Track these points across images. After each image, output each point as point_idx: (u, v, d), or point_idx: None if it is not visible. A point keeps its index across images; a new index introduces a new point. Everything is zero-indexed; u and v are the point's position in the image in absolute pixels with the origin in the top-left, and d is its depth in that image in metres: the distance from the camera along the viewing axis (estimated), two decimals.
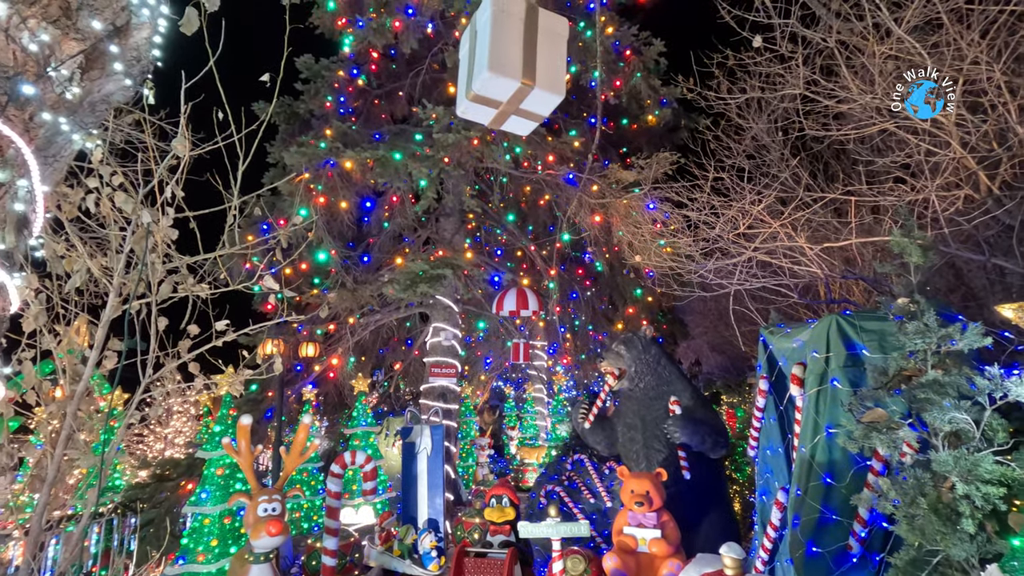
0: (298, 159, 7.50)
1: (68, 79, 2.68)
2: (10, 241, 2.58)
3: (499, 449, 14.61)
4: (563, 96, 2.00)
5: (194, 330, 3.71)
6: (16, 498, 6.46)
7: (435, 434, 8.08)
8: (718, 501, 5.55)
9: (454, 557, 5.47)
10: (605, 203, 7.69)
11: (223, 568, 5.58)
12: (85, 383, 3.08)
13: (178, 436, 12.65)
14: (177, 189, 3.22)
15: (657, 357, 6.06)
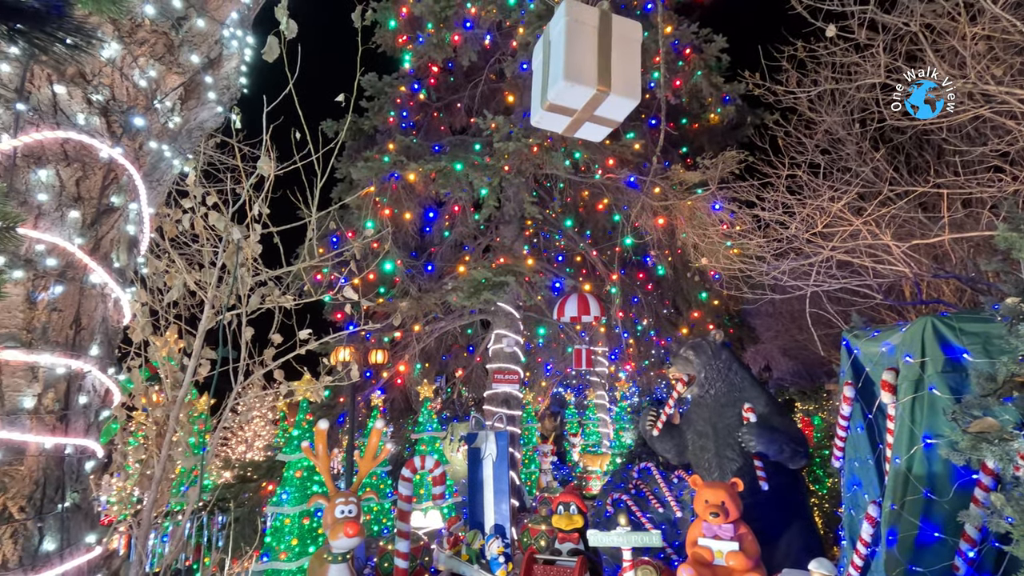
0: (365, 173, 7.80)
1: (170, 110, 2.92)
2: (123, 259, 2.83)
3: (561, 456, 14.52)
4: (639, 100, 1.99)
5: (277, 339, 3.93)
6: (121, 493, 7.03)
7: (500, 440, 8.14)
8: (799, 514, 5.28)
9: (523, 563, 5.47)
10: (668, 205, 7.53)
11: (303, 566, 5.84)
12: (186, 389, 3.32)
13: (257, 439, 13.38)
14: (263, 207, 3.43)
15: (728, 363, 5.85)
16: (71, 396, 2.49)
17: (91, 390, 2.63)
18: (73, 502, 2.48)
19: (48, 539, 2.31)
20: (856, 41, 4.89)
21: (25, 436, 2.29)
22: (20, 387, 2.33)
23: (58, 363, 2.43)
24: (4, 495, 2.21)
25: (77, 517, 2.50)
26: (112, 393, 2.82)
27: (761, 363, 14.88)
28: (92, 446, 2.62)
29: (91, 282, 2.60)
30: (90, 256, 2.57)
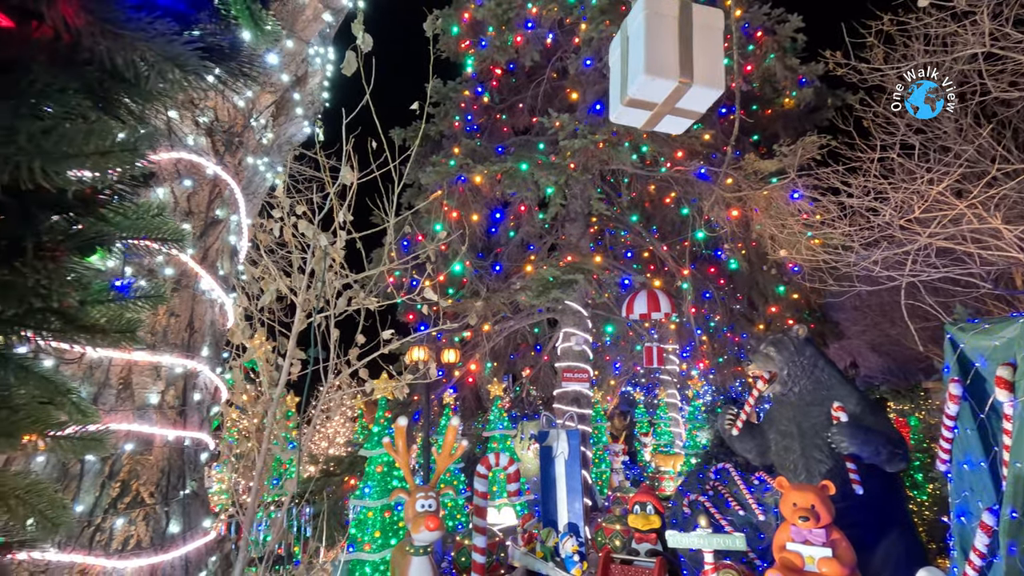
0: (433, 178, 8.02)
1: (264, 126, 3.13)
2: (227, 267, 3.06)
3: (632, 455, 14.28)
4: (722, 90, 1.94)
5: (361, 339, 4.12)
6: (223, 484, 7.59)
7: (572, 438, 8.12)
8: (898, 520, 4.93)
9: (600, 562, 5.44)
10: (742, 196, 7.22)
11: (385, 558, 6.08)
12: (282, 387, 3.55)
13: (337, 436, 14.06)
14: (347, 215, 3.61)
15: (813, 359, 5.54)
16: (188, 393, 2.73)
17: (203, 388, 2.86)
18: (192, 489, 2.72)
19: (173, 522, 2.55)
20: (954, 9, 4.51)
21: (152, 429, 2.54)
22: (147, 385, 2.58)
23: (176, 363, 2.66)
24: (137, 482, 2.46)
25: (196, 503, 2.74)
26: (220, 390, 3.06)
27: (846, 360, 13.97)
28: (206, 439, 2.86)
29: (201, 288, 2.83)
30: (200, 265, 2.81)
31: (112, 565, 2.32)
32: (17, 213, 0.70)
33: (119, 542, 2.36)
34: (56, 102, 0.62)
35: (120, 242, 0.82)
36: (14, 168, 0.59)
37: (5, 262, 0.69)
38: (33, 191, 0.66)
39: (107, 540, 2.34)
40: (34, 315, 0.79)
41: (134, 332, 0.89)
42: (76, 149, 0.61)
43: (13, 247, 0.70)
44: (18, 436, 0.71)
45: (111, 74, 0.61)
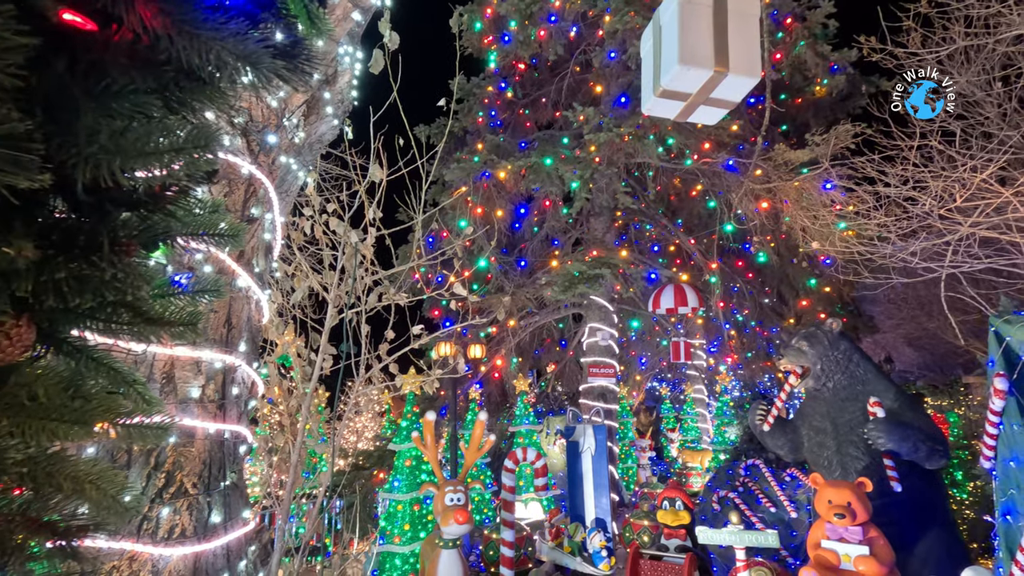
0: (457, 174, 8.04)
1: (296, 126, 3.18)
2: (262, 265, 3.13)
3: (658, 451, 14.17)
4: (759, 78, 1.90)
5: (390, 335, 4.17)
6: (257, 476, 7.77)
7: (598, 434, 8.10)
8: (938, 518, 4.78)
9: (629, 558, 5.41)
10: (772, 187, 7.06)
11: (415, 551, 6.16)
12: (315, 382, 3.62)
13: (366, 430, 14.29)
14: (377, 211, 3.65)
15: (848, 353, 5.41)
16: (227, 387, 2.81)
17: (241, 382, 2.94)
18: (232, 481, 2.80)
19: (215, 512, 2.63)
20: None
21: (194, 422, 2.62)
22: (188, 379, 2.65)
23: (216, 358, 2.74)
24: (181, 472, 2.54)
25: (235, 494, 2.82)
26: (257, 385, 3.13)
27: (881, 355, 13.62)
28: (244, 432, 2.94)
29: (238, 286, 2.90)
30: (237, 263, 2.87)
31: (159, 552, 2.40)
32: (94, 210, 0.74)
33: (165, 530, 2.45)
34: (129, 102, 0.64)
35: (181, 238, 0.85)
36: (95, 167, 0.62)
37: (83, 257, 0.72)
38: (108, 188, 0.69)
39: (154, 528, 2.43)
40: (106, 308, 0.82)
41: (195, 324, 0.92)
42: (153, 147, 0.63)
43: (90, 242, 0.73)
44: (91, 424, 0.75)
45: (186, 74, 0.64)
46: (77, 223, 0.73)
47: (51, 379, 0.74)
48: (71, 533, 0.76)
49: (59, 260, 0.70)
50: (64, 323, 0.81)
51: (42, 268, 0.68)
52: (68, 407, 0.72)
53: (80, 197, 0.67)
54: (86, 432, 0.74)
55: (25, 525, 0.73)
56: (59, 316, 0.79)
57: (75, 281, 0.72)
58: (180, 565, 2.45)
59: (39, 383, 0.72)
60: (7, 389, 0.70)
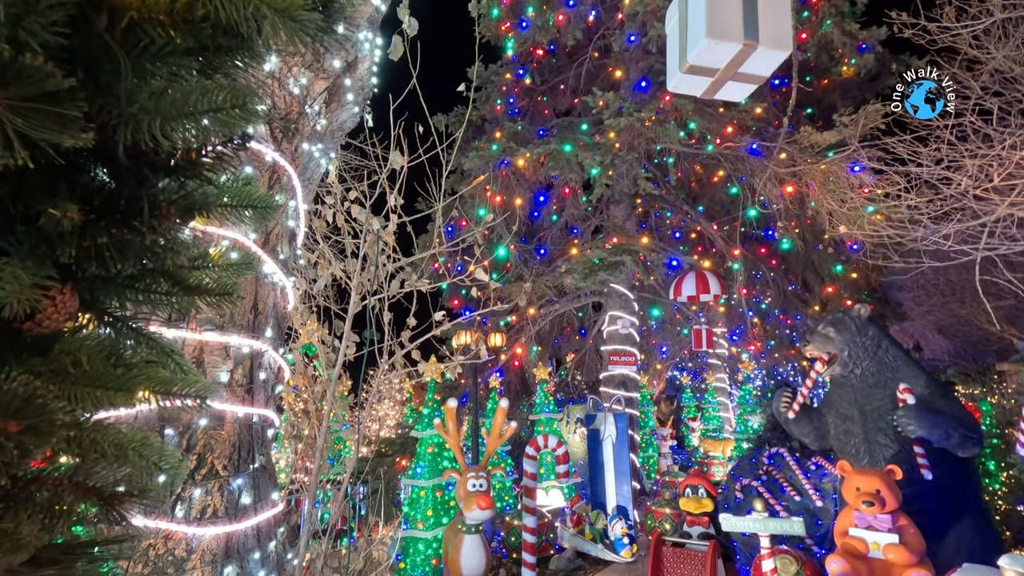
0: (476, 162, 8.02)
1: (317, 113, 3.19)
2: (286, 252, 3.16)
3: (679, 440, 14.10)
4: (790, 51, 1.84)
5: (412, 322, 4.19)
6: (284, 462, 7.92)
7: (619, 422, 8.08)
8: (970, 507, 4.68)
9: (651, 545, 5.40)
10: (797, 171, 6.90)
11: (438, 536, 6.24)
12: (339, 369, 3.66)
13: (387, 419, 14.48)
14: (398, 198, 3.65)
15: (876, 339, 5.29)
16: (254, 372, 2.85)
17: (268, 367, 2.98)
18: (261, 463, 2.85)
19: (245, 494, 2.68)
20: None
21: (223, 406, 2.67)
22: (217, 364, 2.70)
23: (243, 343, 2.78)
24: (212, 455, 2.59)
25: (264, 476, 2.87)
26: (283, 370, 3.18)
27: (909, 343, 13.32)
28: (272, 416, 2.99)
29: (264, 272, 2.94)
30: (262, 249, 2.91)
31: (192, 532, 2.46)
32: (133, 176, 0.75)
33: (197, 511, 2.51)
34: (167, 63, 0.65)
35: (217, 209, 0.86)
36: (135, 128, 0.62)
37: (124, 222, 0.74)
38: (147, 154, 0.70)
39: (187, 509, 2.49)
40: (145, 277, 0.84)
41: (231, 295, 0.93)
42: (192, 107, 0.64)
43: (130, 207, 0.74)
44: (134, 391, 0.77)
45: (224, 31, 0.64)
46: (118, 189, 0.74)
47: (93, 348, 0.76)
48: (116, 498, 0.78)
49: (101, 225, 0.71)
50: (105, 293, 0.82)
51: (85, 233, 0.70)
52: (111, 375, 0.74)
53: (121, 161, 0.68)
54: (128, 399, 0.75)
55: (72, 489, 0.75)
56: (100, 286, 0.80)
57: (116, 247, 0.73)
58: (213, 544, 2.51)
59: (82, 351, 0.74)
60: (52, 356, 0.72)
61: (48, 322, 0.71)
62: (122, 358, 0.79)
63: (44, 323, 0.70)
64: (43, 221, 0.65)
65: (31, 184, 0.66)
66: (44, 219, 0.64)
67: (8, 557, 0.65)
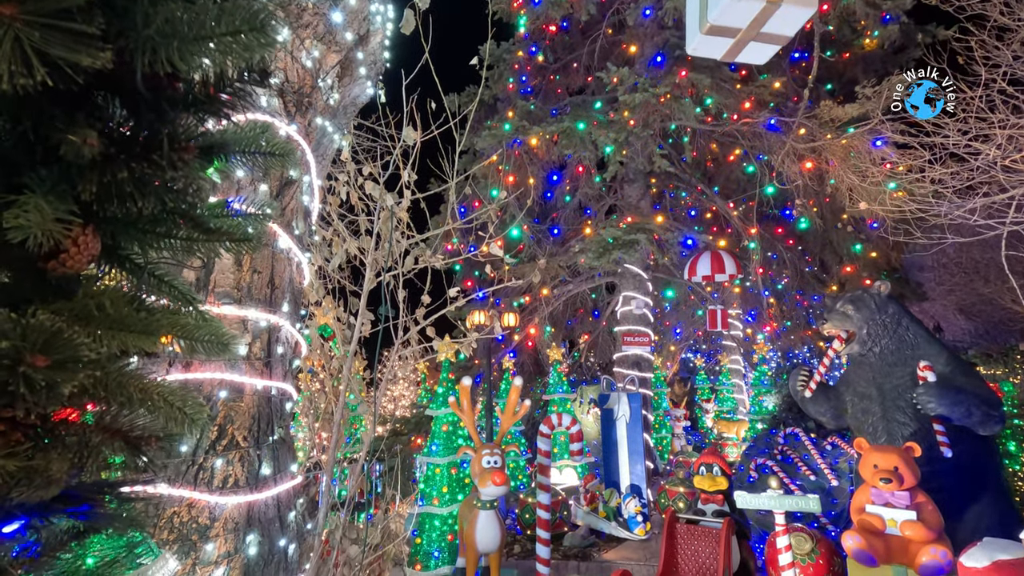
0: (488, 142, 7.95)
1: (330, 87, 3.17)
2: (301, 227, 3.17)
3: (693, 422, 14.09)
4: (815, 8, 1.77)
5: (426, 300, 4.20)
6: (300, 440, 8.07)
7: (633, 401, 8.09)
8: (990, 485, 4.63)
9: (665, 522, 5.42)
10: (817, 147, 6.73)
11: (453, 512, 6.33)
12: (355, 344, 3.69)
13: (402, 399, 14.66)
14: (412, 174, 3.64)
15: (896, 317, 5.21)
16: (272, 346, 2.88)
17: (285, 341, 3.01)
18: (280, 436, 2.89)
19: (265, 465, 2.73)
20: None
21: (242, 378, 2.70)
22: (236, 337, 2.73)
23: (261, 317, 2.81)
24: (232, 426, 2.63)
25: (283, 449, 2.92)
26: (300, 345, 3.21)
27: (929, 324, 13.09)
28: (290, 389, 3.02)
29: (280, 247, 2.95)
30: (277, 223, 2.91)
31: (215, 500, 2.51)
32: (152, 109, 0.74)
33: (219, 480, 2.55)
34: None
35: (235, 154, 0.85)
36: (152, 52, 0.62)
37: (144, 156, 0.73)
38: (164, 86, 0.69)
39: (209, 478, 2.54)
40: (165, 221, 0.84)
41: (251, 241, 0.93)
42: (209, 30, 0.63)
43: (150, 142, 0.74)
44: (157, 334, 0.77)
45: None
46: (137, 124, 0.74)
47: (116, 293, 0.76)
48: (142, 441, 0.79)
49: (121, 159, 0.71)
50: (127, 238, 0.82)
51: (105, 168, 0.69)
52: (134, 318, 0.75)
53: (139, 90, 0.68)
54: (151, 342, 0.76)
55: (100, 431, 0.76)
56: (122, 230, 0.80)
57: (137, 183, 0.73)
58: (235, 513, 2.56)
59: (105, 296, 0.74)
60: (76, 301, 0.73)
61: (71, 262, 0.71)
62: (145, 304, 0.79)
63: (68, 263, 0.71)
64: (64, 150, 0.64)
65: (51, 114, 0.65)
66: (65, 148, 0.64)
67: (40, 492, 0.66)
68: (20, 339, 0.60)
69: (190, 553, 2.42)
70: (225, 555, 2.49)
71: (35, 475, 0.65)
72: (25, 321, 0.62)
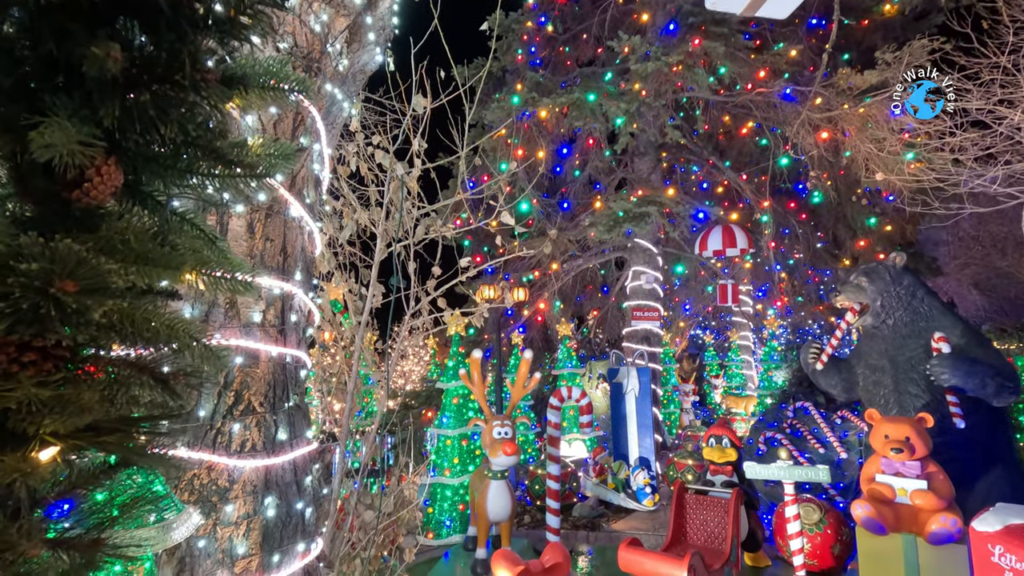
0: (498, 114, 7.85)
1: (339, 53, 3.13)
2: (312, 196, 3.16)
3: (701, 397, 14.14)
4: None
5: (437, 271, 4.21)
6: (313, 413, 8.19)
7: (642, 376, 8.11)
8: (1003, 457, 4.62)
9: (674, 493, 5.47)
10: (833, 116, 6.57)
11: (464, 483, 6.43)
12: (367, 314, 3.71)
13: (412, 374, 14.82)
14: (422, 143, 3.60)
15: (911, 289, 5.15)
16: (285, 313, 2.90)
17: (299, 309, 3.03)
18: (295, 402, 2.93)
19: (281, 430, 2.77)
20: None
21: (257, 345, 2.72)
22: (250, 304, 2.75)
23: (274, 284, 2.82)
24: (248, 392, 2.67)
25: (298, 415, 2.96)
26: (313, 314, 3.23)
27: (943, 299, 12.95)
28: (304, 357, 3.05)
29: (291, 215, 2.95)
30: (289, 192, 2.91)
31: (233, 464, 2.56)
32: (173, 28, 0.73)
33: (237, 444, 2.60)
34: None
35: (255, 87, 0.84)
36: None
37: (166, 77, 0.72)
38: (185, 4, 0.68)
39: (227, 442, 2.58)
40: (188, 155, 0.83)
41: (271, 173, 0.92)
42: None
43: (171, 62, 0.73)
44: (180, 269, 0.77)
45: None
46: (158, 46, 0.72)
47: (140, 229, 0.76)
48: (172, 377, 0.80)
49: (144, 80, 0.70)
50: (149, 174, 0.82)
51: (128, 90, 0.68)
52: (158, 252, 0.75)
53: (161, 7, 0.66)
54: (175, 277, 0.76)
55: (130, 367, 0.77)
56: (144, 165, 0.80)
57: (159, 109, 0.72)
58: (253, 476, 2.61)
59: (129, 231, 0.74)
60: (101, 234, 0.72)
61: (95, 191, 0.71)
62: (168, 239, 0.79)
63: (91, 192, 0.70)
64: (87, 66, 0.63)
65: (73, 32, 0.64)
66: (88, 63, 0.63)
67: (74, 419, 0.67)
68: (48, 262, 0.60)
69: (211, 514, 2.48)
70: (244, 516, 2.54)
71: (67, 404, 0.66)
72: (54, 245, 0.62)
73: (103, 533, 0.75)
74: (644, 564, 4.27)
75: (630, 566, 4.34)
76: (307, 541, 2.81)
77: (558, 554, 4.04)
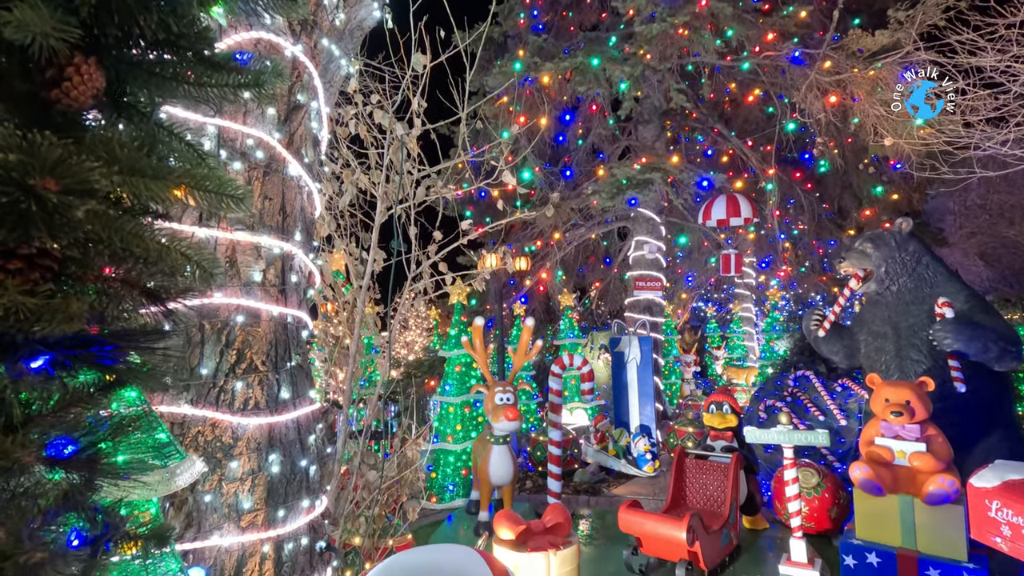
0: (499, 80, 7.70)
1: (336, 6, 3.04)
2: (311, 156, 3.11)
3: (703, 368, 14.22)
4: None
5: (438, 236, 4.17)
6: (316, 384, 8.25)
7: (644, 345, 8.14)
8: (1003, 420, 4.64)
9: (675, 458, 5.54)
10: (843, 79, 6.41)
11: (467, 449, 6.51)
12: (368, 278, 3.69)
13: (415, 344, 14.93)
14: (422, 102, 3.53)
15: (916, 255, 5.10)
16: (286, 274, 2.88)
17: (299, 270, 3.01)
18: (297, 362, 2.93)
19: (284, 389, 2.78)
20: None
21: (258, 304, 2.72)
22: (249, 264, 2.73)
23: (274, 244, 2.79)
24: (250, 350, 2.67)
25: (301, 375, 2.96)
26: (314, 275, 3.21)
27: None
28: (305, 317, 3.04)
29: (290, 174, 2.90)
30: (286, 150, 2.86)
31: (237, 421, 2.57)
32: None
33: (240, 402, 2.61)
34: None
35: None
36: None
37: None
38: None
39: (230, 400, 2.59)
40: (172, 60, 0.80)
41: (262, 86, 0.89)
42: None
43: None
44: (170, 181, 0.75)
45: None
46: None
47: (127, 139, 0.73)
48: (163, 291, 0.79)
49: None
50: (133, 82, 0.79)
51: None
52: (146, 162, 0.72)
53: None
54: (165, 188, 0.74)
55: (127, 285, 0.75)
56: (126, 70, 0.77)
57: None
58: (256, 433, 2.63)
59: (115, 141, 0.71)
60: (85, 144, 0.70)
61: (75, 91, 0.68)
62: (156, 151, 0.76)
63: (72, 92, 0.67)
64: None
65: None
66: None
67: (63, 326, 0.66)
68: (27, 156, 0.57)
69: (216, 470, 2.50)
70: (249, 472, 2.57)
71: (55, 312, 0.65)
72: (32, 137, 0.59)
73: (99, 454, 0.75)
74: (644, 525, 4.35)
75: (630, 527, 4.41)
76: (312, 498, 2.85)
77: (559, 514, 4.11)
